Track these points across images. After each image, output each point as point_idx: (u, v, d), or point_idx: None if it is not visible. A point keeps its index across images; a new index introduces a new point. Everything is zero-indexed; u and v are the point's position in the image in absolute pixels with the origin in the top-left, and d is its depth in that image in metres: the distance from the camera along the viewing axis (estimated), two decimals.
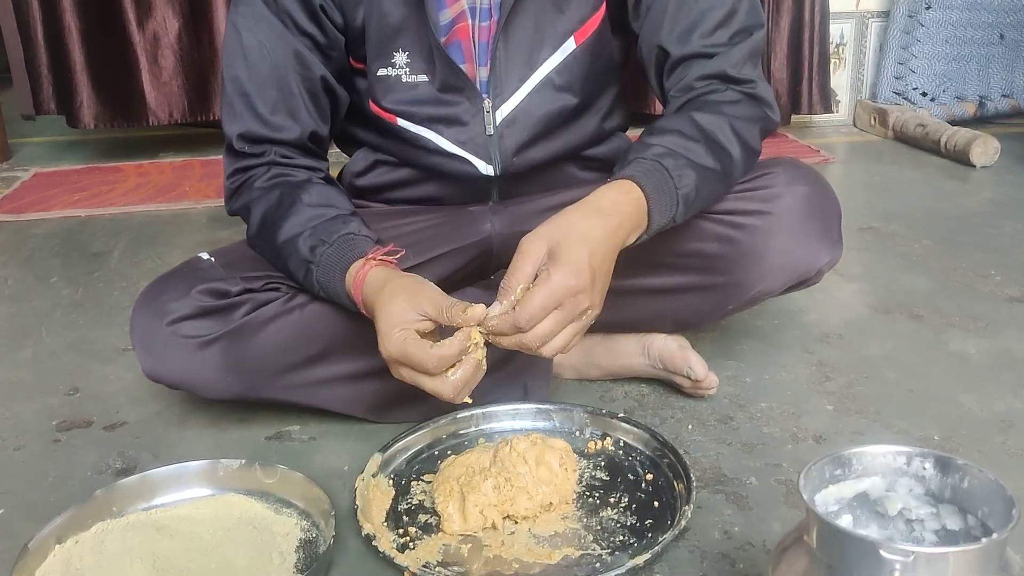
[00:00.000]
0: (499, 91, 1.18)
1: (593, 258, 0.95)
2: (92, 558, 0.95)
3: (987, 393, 1.27)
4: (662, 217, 1.03)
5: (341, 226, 1.10)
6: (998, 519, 0.69)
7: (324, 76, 1.18)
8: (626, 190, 1.01)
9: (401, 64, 1.18)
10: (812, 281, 1.20)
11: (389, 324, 0.97)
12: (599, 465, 1.11)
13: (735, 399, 1.27)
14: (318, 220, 1.11)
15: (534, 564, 0.94)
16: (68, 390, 1.38)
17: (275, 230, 1.13)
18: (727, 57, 1.14)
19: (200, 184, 2.52)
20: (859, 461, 0.76)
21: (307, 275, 1.10)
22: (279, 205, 1.14)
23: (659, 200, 1.02)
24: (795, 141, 2.78)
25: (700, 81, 1.14)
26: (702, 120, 1.09)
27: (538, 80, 1.19)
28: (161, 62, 2.73)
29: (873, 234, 1.94)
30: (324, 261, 1.08)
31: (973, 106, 2.88)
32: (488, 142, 1.21)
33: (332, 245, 1.08)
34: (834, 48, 2.92)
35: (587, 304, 0.95)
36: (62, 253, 2.01)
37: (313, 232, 1.10)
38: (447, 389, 0.97)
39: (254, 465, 1.07)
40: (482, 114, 1.19)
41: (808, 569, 0.69)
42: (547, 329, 0.94)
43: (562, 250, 0.94)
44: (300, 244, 1.10)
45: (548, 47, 1.18)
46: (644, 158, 1.04)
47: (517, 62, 1.18)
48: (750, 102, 1.15)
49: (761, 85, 1.17)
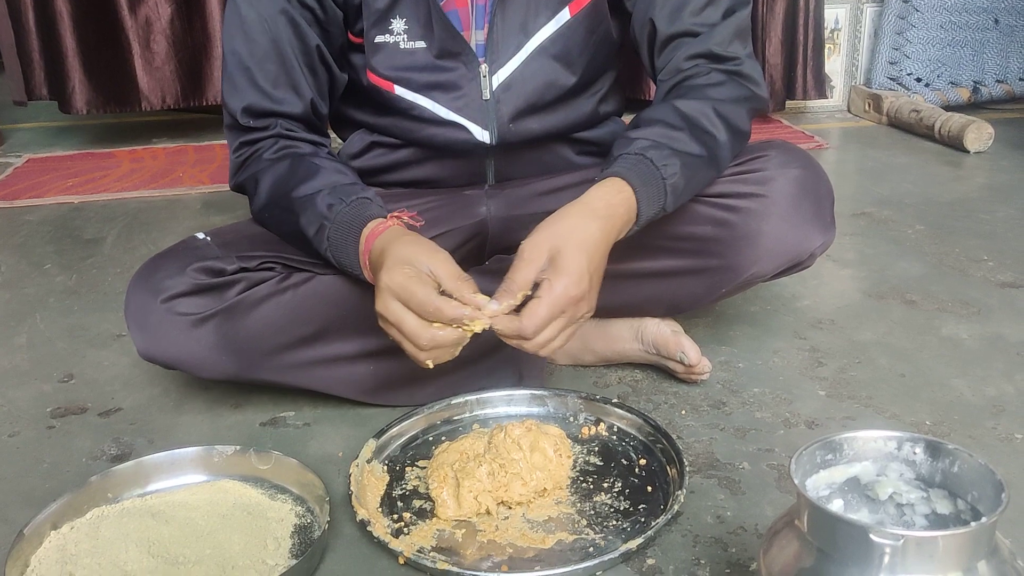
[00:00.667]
0: (495, 56, 1.20)
1: (591, 263, 0.98)
2: (87, 544, 0.95)
3: (979, 378, 1.27)
4: (651, 208, 1.05)
5: (360, 190, 1.11)
6: (988, 503, 0.70)
7: (319, 47, 1.19)
8: (617, 189, 1.03)
9: (399, 31, 1.19)
10: (805, 264, 1.21)
11: (398, 260, 0.99)
12: (593, 450, 1.11)
13: (728, 384, 1.28)
14: (338, 182, 1.12)
15: (528, 549, 0.95)
16: (63, 376, 1.38)
17: (290, 191, 1.13)
18: (713, 36, 1.16)
19: (194, 170, 2.52)
20: (850, 446, 0.77)
21: (319, 231, 1.10)
22: (293, 171, 1.15)
23: (647, 192, 1.04)
24: (789, 127, 2.77)
25: (687, 62, 1.17)
26: (685, 107, 1.11)
27: (533, 47, 1.20)
28: (153, 47, 2.72)
29: (866, 219, 1.95)
30: (339, 219, 1.08)
31: (967, 91, 2.88)
32: (484, 107, 1.22)
33: (349, 205, 1.08)
34: (829, 33, 2.92)
35: (586, 308, 1.00)
36: (56, 239, 2.01)
37: (333, 191, 1.10)
38: (425, 336, 0.97)
39: (249, 451, 1.08)
40: (479, 79, 1.20)
41: (799, 553, 0.69)
42: (549, 336, 0.98)
43: (563, 258, 0.97)
44: (318, 200, 1.10)
45: (543, 15, 1.20)
46: (629, 153, 1.06)
47: (513, 27, 1.19)
48: (735, 82, 1.16)
49: (747, 62, 1.18)
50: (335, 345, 1.18)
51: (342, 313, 1.16)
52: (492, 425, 1.14)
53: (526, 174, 1.31)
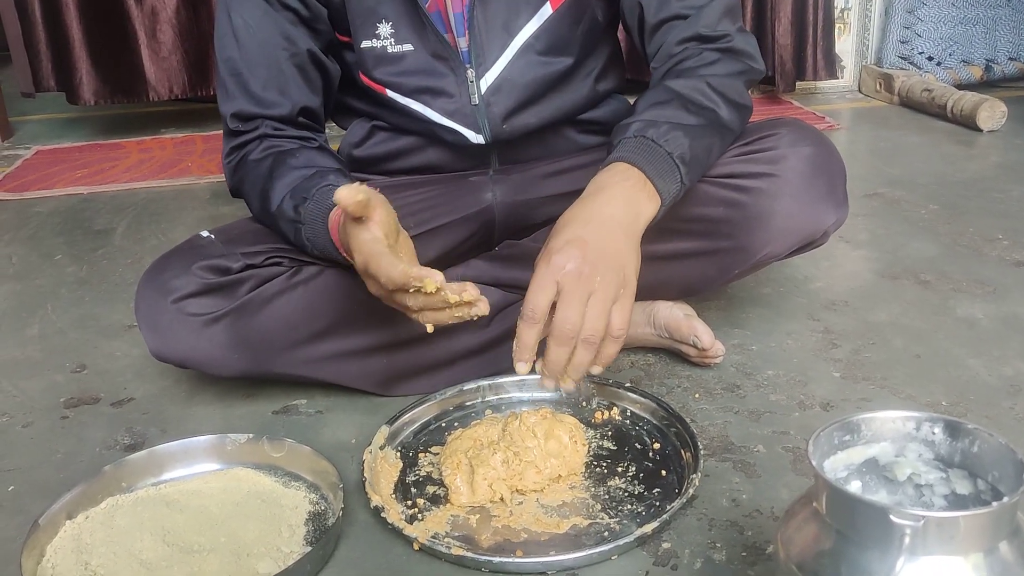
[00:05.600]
0: (481, 60, 1.19)
1: (587, 228, 0.94)
2: (103, 533, 0.95)
3: (995, 358, 1.26)
4: (668, 185, 1.02)
5: (319, 180, 1.09)
6: (1008, 483, 0.69)
7: (311, 50, 1.19)
8: (618, 170, 1.01)
9: (385, 35, 1.18)
10: (818, 243, 1.20)
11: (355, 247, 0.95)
12: (606, 435, 1.11)
13: (741, 367, 1.27)
14: (299, 180, 1.11)
15: (542, 534, 0.94)
16: (75, 367, 1.38)
17: (267, 200, 1.13)
18: (701, 17, 1.15)
19: (202, 159, 2.52)
20: (868, 427, 0.76)
21: (297, 234, 1.10)
22: (270, 174, 1.14)
23: (657, 170, 1.01)
24: (800, 107, 2.76)
25: (678, 46, 1.16)
26: (677, 86, 1.10)
27: (518, 47, 1.19)
28: (160, 37, 2.71)
29: (879, 200, 1.93)
30: (308, 217, 1.07)
31: (979, 70, 2.85)
32: (475, 112, 1.21)
33: (312, 199, 1.07)
34: (838, 13, 2.89)
35: (586, 270, 0.91)
36: (66, 231, 2.01)
37: (294, 192, 1.10)
38: (397, 271, 0.90)
39: (262, 439, 1.08)
40: (466, 84, 1.20)
41: (818, 535, 0.68)
42: (561, 315, 0.91)
43: (549, 238, 0.95)
44: (285, 206, 1.10)
45: (524, 13, 1.18)
46: (627, 138, 1.05)
47: (496, 29, 1.18)
48: (728, 58, 1.15)
49: (738, 37, 1.17)
50: (348, 339, 1.18)
51: (353, 307, 1.16)
52: (505, 411, 1.13)
53: (531, 158, 1.30)
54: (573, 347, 0.92)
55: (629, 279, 0.95)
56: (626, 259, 0.95)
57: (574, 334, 0.91)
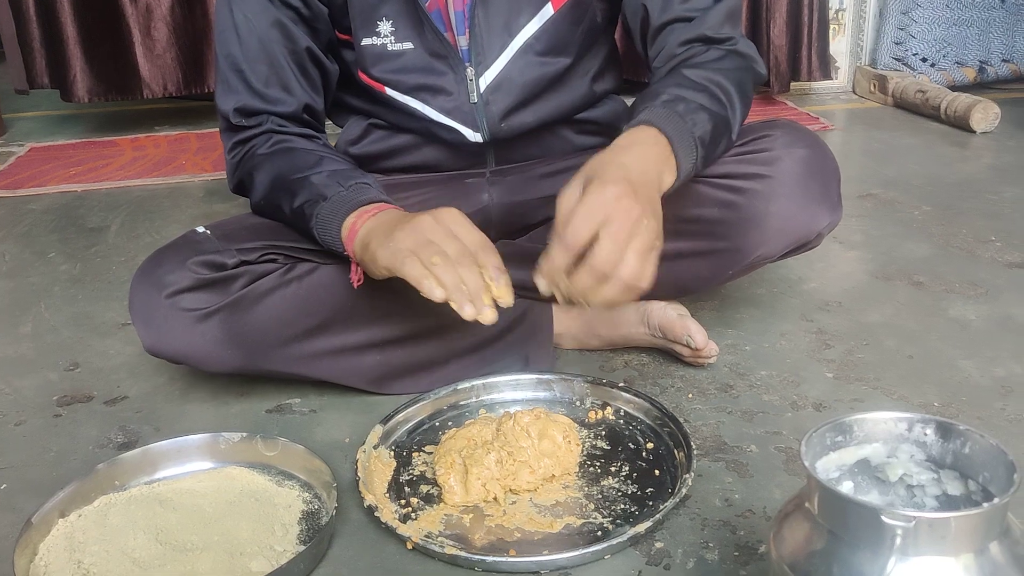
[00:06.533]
0: (481, 59, 1.19)
1: (629, 173, 0.91)
2: (96, 531, 0.95)
3: (987, 359, 1.27)
4: (687, 159, 1.01)
5: (359, 176, 1.12)
6: (999, 484, 0.70)
7: (310, 47, 1.19)
8: (649, 133, 0.99)
9: (386, 33, 1.18)
10: (812, 244, 1.20)
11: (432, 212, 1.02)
12: (600, 435, 1.11)
13: (735, 368, 1.27)
14: (336, 166, 1.13)
15: (536, 533, 0.94)
16: (68, 365, 1.38)
17: (291, 175, 1.13)
18: (705, 20, 1.16)
19: (196, 157, 2.51)
20: (860, 428, 0.76)
21: (311, 204, 1.10)
22: (293, 160, 1.15)
23: (681, 142, 1.00)
24: (794, 108, 2.76)
25: (681, 47, 1.16)
26: (692, 74, 1.10)
27: (518, 46, 1.19)
28: (154, 34, 2.71)
29: (873, 201, 1.94)
30: (336, 198, 1.09)
31: (973, 71, 2.86)
32: (474, 110, 1.22)
33: (348, 189, 1.09)
34: (833, 14, 2.90)
35: (637, 211, 0.88)
36: (59, 228, 2.00)
37: (332, 175, 1.11)
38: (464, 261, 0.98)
39: (255, 438, 1.08)
40: (465, 82, 1.20)
41: (809, 535, 0.69)
42: (607, 248, 0.87)
43: (596, 176, 0.90)
44: (315, 179, 1.11)
45: (526, 13, 1.19)
46: (655, 105, 1.03)
47: (497, 29, 1.18)
48: (733, 56, 1.16)
49: (741, 42, 1.18)
50: (342, 336, 1.18)
51: (348, 303, 1.16)
52: (499, 410, 1.13)
53: (527, 158, 1.31)
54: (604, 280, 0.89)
55: (660, 235, 0.92)
56: (660, 216, 0.93)
57: (611, 270, 0.88)
